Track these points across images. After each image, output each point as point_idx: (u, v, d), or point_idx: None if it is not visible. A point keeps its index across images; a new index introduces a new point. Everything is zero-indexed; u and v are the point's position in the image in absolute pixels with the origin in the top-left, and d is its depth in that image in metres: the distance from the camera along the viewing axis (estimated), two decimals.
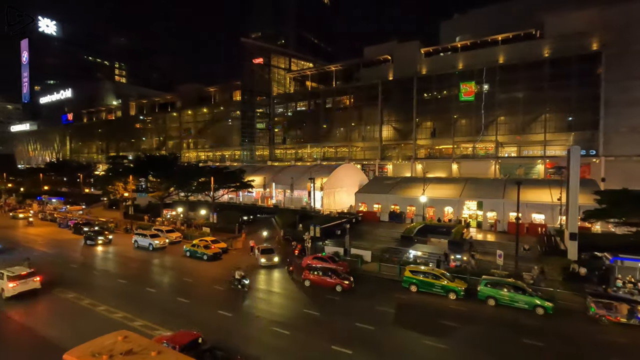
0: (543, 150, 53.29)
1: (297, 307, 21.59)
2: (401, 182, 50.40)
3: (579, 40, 50.03)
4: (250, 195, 58.02)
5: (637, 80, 46.69)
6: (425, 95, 61.18)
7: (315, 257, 28.88)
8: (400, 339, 17.45)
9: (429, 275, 23.67)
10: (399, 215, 44.48)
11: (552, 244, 30.30)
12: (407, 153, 64.73)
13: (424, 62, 63.31)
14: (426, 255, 30.48)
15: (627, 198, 26.97)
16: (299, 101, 77.31)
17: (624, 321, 18.84)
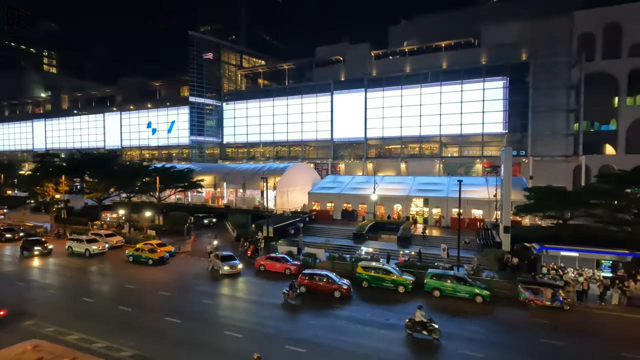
0: (481, 151, 57.64)
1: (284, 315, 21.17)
2: (353, 181, 51.59)
3: (511, 50, 54.82)
4: (199, 195, 55.77)
5: (560, 89, 52.25)
6: (375, 95, 63.13)
7: (268, 257, 28.58)
8: (353, 334, 17.85)
9: (380, 270, 24.53)
10: (351, 213, 45.47)
11: (489, 237, 32.88)
12: (358, 152, 66.42)
13: (374, 64, 65.34)
14: (377, 252, 31.53)
15: (550, 194, 30.16)
16: (251, 99, 75.84)
17: (548, 304, 21.03)
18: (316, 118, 68.26)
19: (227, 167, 63.02)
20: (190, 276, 26.73)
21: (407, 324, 17.72)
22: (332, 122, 66.64)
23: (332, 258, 28.74)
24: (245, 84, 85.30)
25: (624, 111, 51.22)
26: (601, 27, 51.25)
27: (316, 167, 66.78)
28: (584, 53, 51.20)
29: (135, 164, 53.39)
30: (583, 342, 17.03)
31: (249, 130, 76.00)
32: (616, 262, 24.57)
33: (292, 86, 72.57)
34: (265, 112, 73.79)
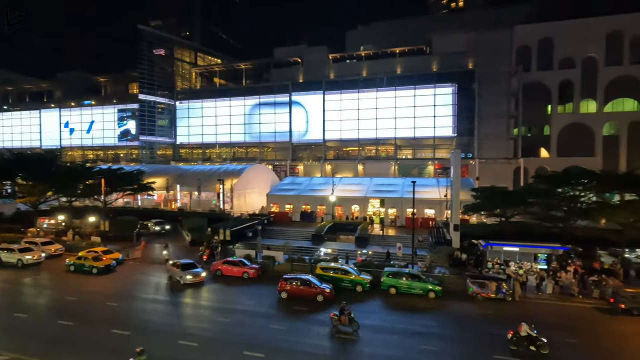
0: (433, 153, 60.61)
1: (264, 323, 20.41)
2: (312, 182, 51.83)
3: (459, 59, 58.33)
4: (151, 198, 52.81)
5: (502, 97, 56.44)
6: (333, 98, 63.99)
7: (225, 261, 27.78)
8: (312, 332, 17.88)
9: (338, 270, 24.84)
10: (310, 214, 45.61)
11: (440, 235, 34.63)
12: (317, 154, 66.86)
13: (331, 67, 66.21)
14: (336, 252, 31.90)
15: (494, 194, 32.50)
16: (206, 98, 73.38)
17: (493, 296, 22.58)
18: (274, 119, 67.70)
19: (180, 168, 60.41)
20: (140, 284, 25.21)
21: (511, 339, 16.32)
22: (290, 124, 66.45)
23: (292, 260, 28.61)
24: (201, 82, 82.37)
25: (556, 118, 56.58)
26: (536, 41, 56.21)
27: (274, 169, 66.17)
28: (522, 64, 55.86)
29: (77, 165, 49.18)
30: None
31: (205, 130, 73.45)
32: (550, 255, 27.01)
33: (250, 86, 71.37)
34: (222, 112, 71.80)
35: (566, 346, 16.67)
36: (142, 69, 70.87)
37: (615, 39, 53.67)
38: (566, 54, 55.40)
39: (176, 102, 75.52)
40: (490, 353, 15.94)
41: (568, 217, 29.15)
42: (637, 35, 52.96)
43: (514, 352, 16.00)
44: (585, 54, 54.71)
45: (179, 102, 75.53)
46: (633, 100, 54.63)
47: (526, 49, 56.64)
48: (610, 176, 31.40)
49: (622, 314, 20.30)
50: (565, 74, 55.54)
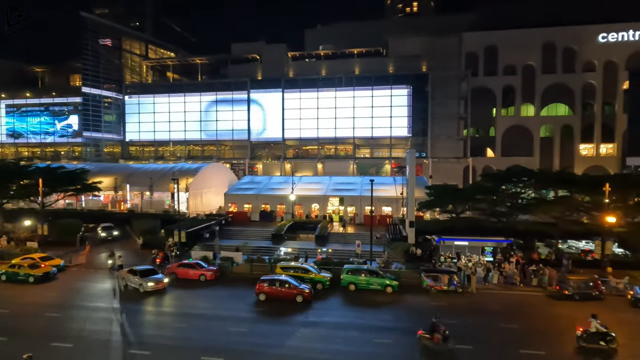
0: (389, 152, 62.60)
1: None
2: (271, 181, 51.28)
3: (414, 62, 60.77)
4: (96, 199, 49.16)
5: (453, 99, 59.69)
6: (292, 96, 63.74)
7: (181, 264, 26.64)
8: (273, 332, 17.72)
9: (299, 270, 24.83)
10: (269, 214, 45.11)
11: (397, 231, 35.87)
12: (276, 153, 66.29)
13: (291, 66, 65.94)
14: (296, 251, 31.86)
15: (446, 191, 34.32)
16: (159, 93, 69.73)
17: (445, 288, 23.82)
18: (232, 117, 66.06)
19: (130, 167, 56.92)
20: (85, 292, 23.40)
21: (581, 336, 16.05)
22: (249, 121, 65.22)
23: (251, 260, 28.13)
24: (152, 76, 78.20)
25: (500, 121, 60.95)
26: (482, 48, 60.12)
27: (232, 168, 64.63)
28: (471, 69, 59.45)
29: (9, 163, 44.40)
30: (471, 319, 19.70)
31: (157, 127, 69.78)
32: (495, 248, 29.06)
33: (206, 82, 69.01)
34: (176, 108, 68.65)
35: (506, 331, 18.04)
36: (86, 60, 65.68)
37: (550, 49, 58.95)
38: (509, 61, 59.83)
39: (125, 96, 71.00)
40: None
41: (511, 212, 31.54)
42: (568, 46, 58.54)
43: (584, 349, 15.91)
44: (525, 62, 59.48)
45: (128, 96, 71.08)
46: (565, 105, 60.29)
47: (474, 55, 60.36)
48: (546, 174, 34.56)
49: (566, 299, 22.37)
50: (507, 80, 59.98)
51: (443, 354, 15.53)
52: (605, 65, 58.12)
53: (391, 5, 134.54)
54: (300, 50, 69.99)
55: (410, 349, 16.37)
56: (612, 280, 23.93)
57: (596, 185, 27.99)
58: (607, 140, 59.50)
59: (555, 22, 58.14)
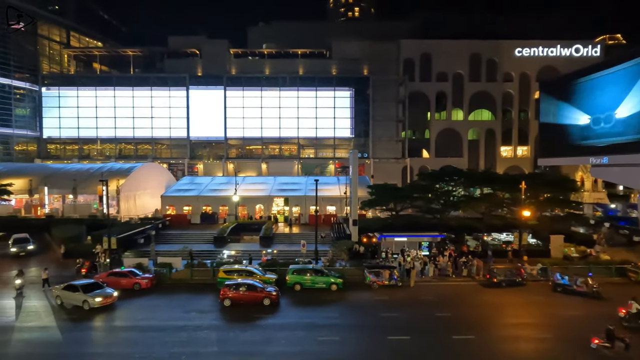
0: (333, 153, 63.82)
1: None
2: (213, 182, 49.36)
3: (356, 65, 62.66)
4: (6, 204, 43.01)
5: (392, 103, 62.62)
6: (234, 95, 61.97)
7: (111, 273, 24.47)
8: (222, 336, 17.03)
9: (243, 272, 24.20)
10: (211, 216, 43.35)
11: (341, 230, 36.68)
12: (218, 152, 63.92)
13: (233, 63, 64.07)
14: (240, 254, 31.03)
15: (386, 190, 35.92)
16: (84, 85, 63.19)
17: (387, 283, 24.91)
18: (169, 114, 62.28)
19: (49, 167, 50.84)
20: None
21: (624, 317, 17.83)
22: (188, 119, 62.00)
23: (191, 265, 26.76)
24: (76, 67, 70.68)
25: (434, 124, 65.42)
26: (419, 55, 64.01)
27: (170, 168, 61.00)
28: (408, 74, 62.96)
29: None
30: (410, 310, 20.85)
31: (82, 123, 63.16)
32: (431, 242, 31.10)
33: (140, 76, 64.14)
34: (105, 103, 62.82)
35: (440, 319, 19.42)
36: None
37: (476, 60, 64.72)
38: (441, 68, 64.46)
39: (42, 88, 63.23)
40: (385, 335, 17.53)
41: (444, 209, 34.01)
42: (491, 58, 64.77)
43: (626, 329, 17.30)
44: (455, 70, 64.57)
45: (45, 88, 63.42)
46: (489, 111, 66.60)
47: (411, 61, 64.02)
48: (473, 174, 37.89)
49: (494, 287, 24.65)
50: (440, 86, 64.60)
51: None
52: (521, 76, 65.38)
53: (334, 8, 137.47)
54: (242, 47, 68.29)
55: (356, 344, 16.81)
56: (527, 268, 26.95)
57: (514, 184, 31.36)
58: (522, 143, 66.96)
59: (481, 35, 63.97)
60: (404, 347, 16.41)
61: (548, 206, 33.93)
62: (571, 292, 23.01)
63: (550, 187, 33.92)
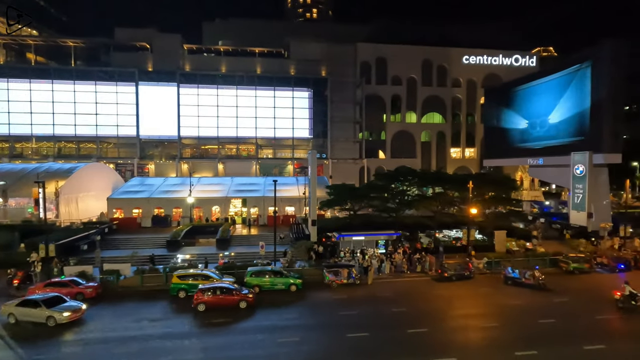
0: (292, 153, 63.61)
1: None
2: (166, 183, 47.10)
3: (314, 66, 62.97)
4: None
5: (349, 104, 63.73)
6: (189, 93, 59.55)
7: (49, 283, 22.43)
8: (167, 348, 16.23)
9: (199, 277, 23.34)
10: (164, 219, 41.33)
11: (300, 230, 36.68)
12: (171, 152, 61.02)
13: (187, 59, 61.51)
14: (195, 257, 29.88)
15: (345, 190, 36.54)
16: (16, 77, 57.12)
17: (345, 282, 25.33)
18: (117, 110, 58.28)
19: None
20: None
21: (619, 299, 20.31)
22: (137, 117, 58.45)
23: (142, 272, 25.28)
24: (6, 56, 63.70)
25: (389, 126, 67.65)
26: (374, 59, 65.82)
27: (118, 169, 57.19)
28: (365, 77, 64.51)
29: None
30: (368, 307, 21.34)
31: (14, 118, 56.99)
32: (387, 240, 32.12)
33: (83, 69, 59.36)
34: (41, 97, 57.23)
35: (396, 314, 20.13)
36: None
37: (428, 65, 67.97)
38: (396, 72, 66.83)
39: None
40: (344, 332, 17.79)
41: (399, 208, 35.30)
42: (441, 64, 68.35)
43: (621, 309, 20.12)
44: (409, 75, 67.28)
45: None
46: (439, 114, 70.17)
47: (367, 64, 65.66)
48: (426, 174, 39.74)
49: (446, 281, 25.98)
50: (395, 90, 66.96)
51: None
52: (468, 82, 69.69)
53: (292, 8, 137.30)
54: (197, 43, 65.83)
55: (316, 344, 16.87)
56: (475, 262, 28.77)
57: (463, 183, 33.37)
58: (470, 145, 71.39)
59: (433, 42, 67.22)
60: (362, 344, 16.76)
61: (492, 204, 36.53)
62: (520, 284, 24.71)
63: (494, 186, 36.56)
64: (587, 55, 39.84)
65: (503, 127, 54.47)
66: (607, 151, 37.05)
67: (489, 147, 59.74)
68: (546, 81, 46.27)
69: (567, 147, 40.64)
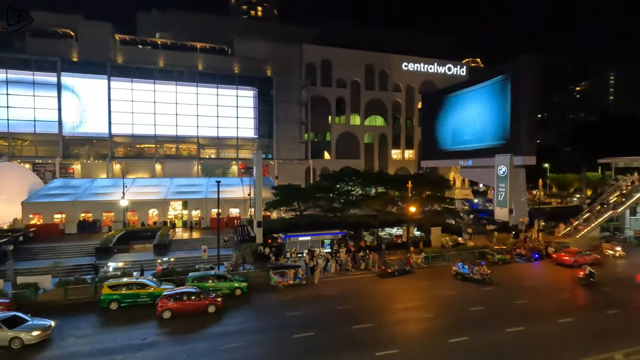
0: (236, 153, 61.92)
1: None
2: (94, 185, 43.04)
3: (259, 65, 62.01)
4: None
5: (295, 105, 63.82)
6: (122, 87, 55.05)
7: None
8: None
9: (133, 286, 21.67)
10: (92, 224, 37.72)
11: (245, 232, 35.83)
12: (101, 151, 55.85)
13: (119, 50, 56.83)
14: (129, 265, 27.69)
15: (290, 191, 36.48)
16: None
17: (292, 282, 25.28)
18: (34, 103, 51.86)
19: None
20: None
21: (582, 278, 24.76)
22: (60, 111, 52.56)
23: (65, 283, 22.77)
24: None
25: (334, 127, 69.02)
26: (320, 61, 66.72)
27: (35, 169, 50.96)
28: (310, 78, 65.06)
29: None
30: (314, 307, 21.52)
31: None
32: (332, 239, 32.70)
33: None
34: None
35: (342, 312, 20.61)
36: None
37: (371, 70, 70.63)
38: (340, 75, 68.43)
39: None
40: (291, 333, 17.73)
41: (344, 208, 36.16)
42: (382, 69, 71.45)
43: (585, 286, 24.37)
44: (353, 78, 69.30)
45: None
46: (381, 117, 73.28)
47: (313, 65, 66.33)
48: (369, 174, 41.24)
49: (389, 276, 27.09)
50: (340, 92, 68.53)
51: None
52: (407, 88, 73.76)
53: (236, 4, 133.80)
54: (131, 34, 61.12)
55: (262, 347, 16.57)
56: (414, 257, 30.50)
57: (403, 183, 35.20)
58: (409, 147, 75.59)
59: (376, 48, 69.96)
60: (309, 343, 16.85)
61: (429, 202, 39.03)
62: (469, 279, 26.00)
63: (430, 186, 39.15)
64: (507, 68, 44.43)
65: (438, 130, 58.58)
66: (525, 154, 41.66)
67: (425, 149, 63.76)
68: (474, 89, 50.69)
69: (492, 150, 44.88)
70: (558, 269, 29.57)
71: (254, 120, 61.57)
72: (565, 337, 17.55)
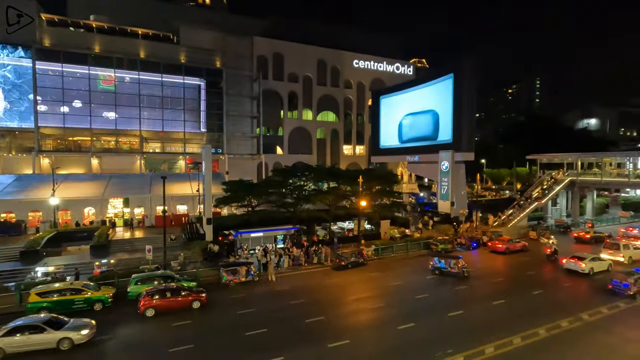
0: (184, 147, 58.98)
1: None
2: (18, 182, 38.55)
3: (208, 56, 59.37)
4: None
5: (246, 98, 62.17)
6: (50, 73, 49.68)
7: None
8: None
9: (67, 292, 19.85)
10: (15, 225, 33.82)
11: (194, 230, 34.40)
12: (25, 144, 50.01)
13: (46, 31, 51.05)
14: (62, 269, 25.29)
15: (242, 186, 35.66)
16: None
17: (244, 280, 24.82)
18: None
19: None
20: None
21: (549, 254, 30.15)
22: None
23: None
24: None
25: (287, 122, 68.52)
26: (271, 54, 65.63)
27: None
28: (261, 72, 63.78)
29: None
30: (267, 303, 21.36)
31: None
32: (285, 235, 32.58)
33: None
34: None
35: (295, 306, 20.70)
36: None
37: (323, 65, 71.02)
38: (292, 69, 67.93)
39: None
40: (242, 332, 17.42)
41: (297, 203, 36.16)
42: (334, 65, 72.21)
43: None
44: (305, 73, 69.16)
45: None
46: (333, 113, 74.18)
47: (264, 58, 65.05)
48: (321, 170, 41.56)
49: (343, 269, 27.68)
50: (292, 86, 68.06)
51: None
52: (358, 85, 75.34)
53: None
54: (61, 14, 55.16)
55: (211, 349, 16.07)
56: (365, 250, 31.46)
57: (354, 178, 36.03)
58: (360, 143, 77.46)
59: (328, 44, 70.35)
60: (261, 340, 16.70)
61: (378, 196, 40.44)
62: (447, 274, 26.15)
63: (380, 181, 40.51)
64: (449, 69, 47.22)
65: (386, 127, 60.73)
66: (465, 150, 44.71)
67: (374, 145, 65.83)
68: (420, 88, 53.25)
69: (436, 146, 47.57)
70: (492, 255, 32.34)
71: (202, 113, 58.96)
72: (499, 316, 19.31)
